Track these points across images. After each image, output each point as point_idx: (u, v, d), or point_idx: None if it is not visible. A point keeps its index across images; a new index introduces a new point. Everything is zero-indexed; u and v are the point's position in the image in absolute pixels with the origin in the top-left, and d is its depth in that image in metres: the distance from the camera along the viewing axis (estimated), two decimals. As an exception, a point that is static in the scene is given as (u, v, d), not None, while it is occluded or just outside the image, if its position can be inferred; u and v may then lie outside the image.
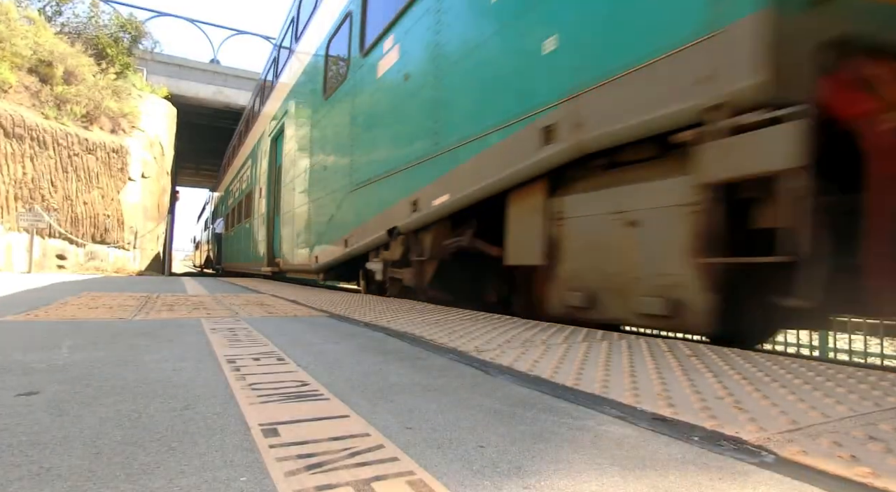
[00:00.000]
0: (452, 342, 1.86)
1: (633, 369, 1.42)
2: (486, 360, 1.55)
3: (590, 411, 1.04)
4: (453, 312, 3.09)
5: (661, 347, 1.79)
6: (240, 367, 1.40)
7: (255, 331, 2.13)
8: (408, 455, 0.78)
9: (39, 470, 0.70)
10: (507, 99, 2.98)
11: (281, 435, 0.86)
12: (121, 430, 0.87)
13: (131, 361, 1.45)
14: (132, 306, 3.05)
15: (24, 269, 9.68)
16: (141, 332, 2.02)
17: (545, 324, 2.48)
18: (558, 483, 0.70)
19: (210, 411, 0.99)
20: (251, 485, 0.67)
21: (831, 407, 1.04)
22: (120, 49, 15.33)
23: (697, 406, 1.05)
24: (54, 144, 10.63)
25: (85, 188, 11.40)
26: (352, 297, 4.44)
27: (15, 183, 9.95)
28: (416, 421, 0.96)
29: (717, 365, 1.48)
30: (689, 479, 0.72)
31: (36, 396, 1.06)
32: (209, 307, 3.15)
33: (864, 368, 1.49)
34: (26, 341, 1.72)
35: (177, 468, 0.72)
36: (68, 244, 11.16)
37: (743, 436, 0.87)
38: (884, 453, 0.80)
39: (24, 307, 2.84)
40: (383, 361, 1.54)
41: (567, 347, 1.77)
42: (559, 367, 1.44)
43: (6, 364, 1.36)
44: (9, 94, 10.38)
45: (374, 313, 2.90)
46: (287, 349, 1.70)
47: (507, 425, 0.95)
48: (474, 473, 0.73)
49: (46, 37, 12.40)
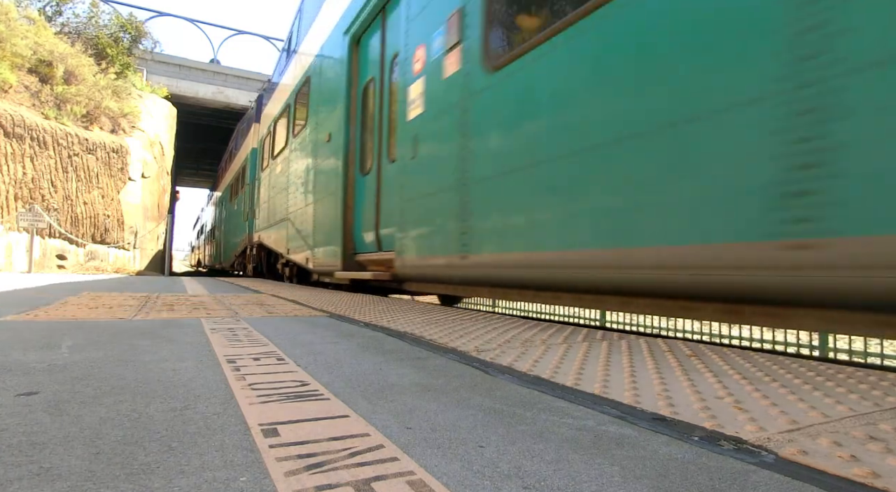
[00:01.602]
0: (452, 342, 1.86)
1: (633, 368, 1.42)
2: (486, 360, 1.55)
3: (590, 410, 1.04)
4: (453, 312, 3.09)
5: (661, 347, 1.79)
6: (240, 367, 1.40)
7: (255, 331, 2.13)
8: (408, 455, 0.78)
9: (39, 470, 0.70)
10: (297, 194, 6.95)
11: (281, 435, 0.86)
12: (121, 430, 0.87)
13: (131, 361, 1.45)
14: (132, 306, 3.05)
15: (24, 269, 9.68)
16: (141, 332, 2.02)
17: (545, 324, 2.48)
18: (558, 483, 0.70)
19: (210, 410, 0.99)
20: (251, 485, 0.67)
21: (831, 407, 1.04)
22: (120, 49, 15.34)
23: (697, 406, 1.05)
24: (54, 144, 10.63)
25: (85, 188, 11.40)
26: (352, 297, 4.44)
27: (15, 183, 9.95)
28: (416, 421, 0.96)
29: (717, 365, 1.48)
30: (689, 479, 0.72)
31: (36, 396, 1.06)
32: (209, 307, 3.15)
33: (864, 368, 1.49)
34: (26, 341, 1.72)
35: (176, 468, 0.72)
36: (68, 244, 11.16)
37: (743, 436, 0.87)
38: (884, 453, 0.80)
39: (24, 307, 2.84)
40: (383, 360, 1.54)
41: (567, 347, 1.77)
42: (559, 367, 1.44)
43: (6, 364, 1.36)
44: (9, 94, 10.39)
45: (373, 313, 2.90)
46: (287, 349, 1.70)
47: (507, 425, 0.95)
48: (474, 473, 0.73)
49: (46, 37, 12.41)
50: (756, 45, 1.55)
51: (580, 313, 5.43)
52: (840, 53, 1.35)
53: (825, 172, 1.40)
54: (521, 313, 5.93)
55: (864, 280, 1.32)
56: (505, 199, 2.71)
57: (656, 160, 1.89)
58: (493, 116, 2.83)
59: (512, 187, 2.65)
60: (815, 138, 1.41)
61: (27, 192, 10.18)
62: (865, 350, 3.22)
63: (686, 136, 1.76)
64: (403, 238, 3.80)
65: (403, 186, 3.82)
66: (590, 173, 2.23)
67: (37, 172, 10.31)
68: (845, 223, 1.35)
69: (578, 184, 2.29)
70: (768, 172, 1.51)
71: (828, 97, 1.38)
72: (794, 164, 1.45)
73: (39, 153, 10.35)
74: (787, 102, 1.46)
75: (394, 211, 4.03)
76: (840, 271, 1.37)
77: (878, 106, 1.29)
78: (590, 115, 2.24)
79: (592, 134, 2.21)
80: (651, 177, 1.93)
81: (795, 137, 1.45)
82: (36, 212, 9.79)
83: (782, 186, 1.48)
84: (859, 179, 1.33)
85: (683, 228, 1.77)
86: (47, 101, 11.22)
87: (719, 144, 1.65)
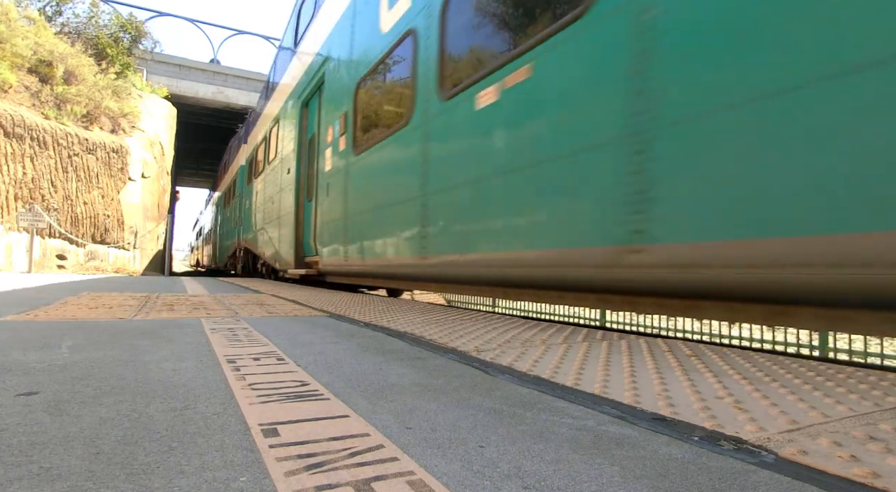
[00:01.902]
0: (452, 342, 1.86)
1: (633, 368, 1.42)
2: (486, 360, 1.55)
3: (590, 410, 1.04)
4: (453, 312, 3.09)
5: (661, 347, 1.79)
6: (240, 367, 1.40)
7: (255, 331, 2.13)
8: (408, 455, 0.78)
9: (39, 470, 0.70)
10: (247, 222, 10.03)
11: (281, 435, 0.86)
12: (121, 430, 0.87)
13: (131, 361, 1.45)
14: (132, 306, 3.05)
15: (24, 269, 9.69)
16: (141, 332, 2.02)
17: (545, 324, 2.48)
18: (558, 483, 0.70)
19: (210, 410, 0.99)
20: (251, 485, 0.67)
21: (831, 407, 1.04)
22: (120, 49, 15.34)
23: (697, 406, 1.05)
24: (54, 144, 10.63)
25: (85, 188, 11.40)
26: (352, 297, 4.45)
27: (15, 183, 9.95)
28: (416, 421, 0.96)
29: (717, 365, 1.48)
30: (689, 479, 0.72)
31: (36, 396, 1.06)
32: (209, 307, 3.15)
33: (864, 368, 1.49)
34: (26, 341, 1.72)
35: (176, 468, 0.72)
36: (68, 244, 11.16)
37: (743, 436, 0.87)
38: (884, 453, 0.80)
39: (24, 307, 2.84)
40: (383, 360, 1.54)
41: (567, 347, 1.77)
42: (559, 367, 1.44)
43: (6, 364, 1.36)
44: (9, 94, 10.39)
45: (374, 313, 2.90)
46: (287, 349, 1.70)
47: (507, 425, 0.95)
48: (474, 473, 0.73)
49: (46, 37, 12.41)
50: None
51: (580, 313, 5.43)
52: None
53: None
54: (521, 313, 5.93)
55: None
56: (368, 227, 4.54)
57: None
58: (358, 181, 4.82)
59: (365, 224, 4.59)
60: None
61: (27, 192, 10.18)
62: (865, 350, 3.23)
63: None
64: (322, 246, 5.78)
65: (321, 213, 5.86)
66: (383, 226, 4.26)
67: (37, 172, 10.31)
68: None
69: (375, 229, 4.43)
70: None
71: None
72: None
73: (39, 153, 10.36)
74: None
75: (319, 228, 6.03)
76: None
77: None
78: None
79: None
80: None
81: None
82: (36, 212, 9.79)
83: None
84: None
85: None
86: (47, 101, 11.22)
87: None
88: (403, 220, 3.77)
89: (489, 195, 2.82)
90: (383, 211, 4.16)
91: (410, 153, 3.71)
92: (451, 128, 3.22)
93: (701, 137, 1.68)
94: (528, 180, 2.49)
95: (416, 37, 3.69)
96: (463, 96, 3.03)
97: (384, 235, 4.20)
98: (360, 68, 4.85)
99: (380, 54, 4.38)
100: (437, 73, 3.38)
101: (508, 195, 2.65)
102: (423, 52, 3.58)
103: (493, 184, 2.76)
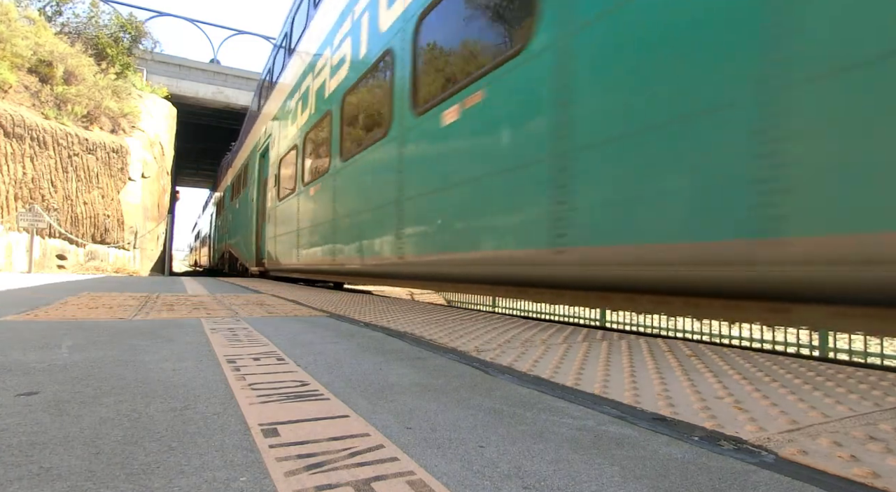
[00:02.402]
0: (452, 342, 1.86)
1: (633, 369, 1.42)
2: (486, 360, 1.55)
3: (590, 410, 1.04)
4: (453, 312, 3.09)
5: (661, 347, 1.79)
6: (240, 367, 1.40)
7: (255, 331, 2.13)
8: (408, 455, 0.78)
9: (39, 470, 0.70)
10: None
11: (281, 435, 0.86)
12: (120, 430, 0.87)
13: (131, 361, 1.45)
14: (132, 306, 3.05)
15: (24, 269, 9.69)
16: (141, 332, 2.02)
17: (545, 324, 2.49)
18: (558, 483, 0.70)
19: (210, 410, 0.99)
20: (251, 485, 0.67)
21: (831, 407, 1.04)
22: (120, 49, 15.33)
23: (697, 406, 1.05)
24: (54, 144, 10.63)
25: (85, 188, 11.40)
26: (352, 297, 4.45)
27: (15, 183, 9.95)
28: (416, 421, 0.96)
29: (717, 365, 1.48)
30: (689, 479, 0.72)
31: (36, 396, 1.06)
32: (209, 307, 3.15)
33: (864, 368, 1.49)
34: (26, 341, 1.72)
35: (176, 468, 0.72)
36: (68, 244, 11.16)
37: (743, 436, 0.87)
38: (884, 453, 0.80)
39: (24, 307, 2.84)
40: (383, 361, 1.54)
41: (567, 347, 1.77)
42: (559, 367, 1.44)
43: (6, 364, 1.36)
44: (9, 94, 10.39)
45: (374, 313, 2.90)
46: (287, 349, 1.70)
47: (507, 425, 0.95)
48: (474, 473, 0.73)
49: (46, 37, 12.40)
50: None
51: (580, 313, 5.43)
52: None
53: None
54: (521, 313, 5.93)
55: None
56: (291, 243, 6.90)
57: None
58: (285, 214, 7.28)
59: (289, 242, 6.98)
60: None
61: (27, 192, 10.18)
62: (865, 350, 3.23)
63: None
64: (267, 252, 8.60)
65: (268, 231, 8.67)
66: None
67: (37, 172, 10.31)
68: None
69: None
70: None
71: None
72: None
73: (39, 153, 10.35)
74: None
75: (265, 242, 8.84)
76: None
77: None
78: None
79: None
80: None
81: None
82: (36, 212, 9.79)
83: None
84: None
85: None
86: (47, 101, 11.22)
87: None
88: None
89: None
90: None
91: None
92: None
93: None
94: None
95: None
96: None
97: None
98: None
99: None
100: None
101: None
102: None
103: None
